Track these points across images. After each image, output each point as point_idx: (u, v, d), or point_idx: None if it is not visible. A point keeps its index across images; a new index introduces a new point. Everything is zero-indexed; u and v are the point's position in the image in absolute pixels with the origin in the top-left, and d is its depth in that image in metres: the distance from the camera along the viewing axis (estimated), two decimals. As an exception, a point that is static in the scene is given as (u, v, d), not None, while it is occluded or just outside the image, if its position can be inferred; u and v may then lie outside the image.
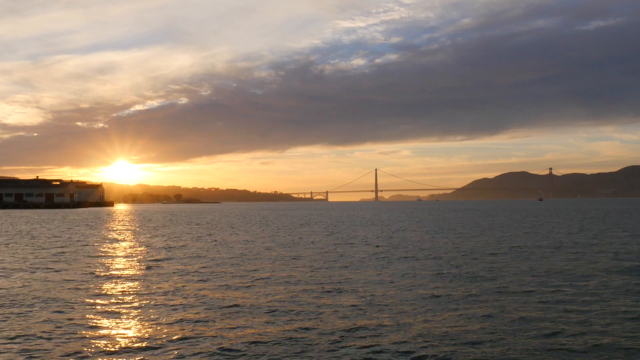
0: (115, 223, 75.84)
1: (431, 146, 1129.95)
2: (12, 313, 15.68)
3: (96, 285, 20.74)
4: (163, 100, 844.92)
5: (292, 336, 12.95)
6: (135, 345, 12.44)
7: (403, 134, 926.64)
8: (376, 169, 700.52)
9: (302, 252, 31.68)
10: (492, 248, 33.31)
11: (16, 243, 40.77)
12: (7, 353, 11.85)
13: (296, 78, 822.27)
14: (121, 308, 16.36)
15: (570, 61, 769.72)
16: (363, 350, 11.88)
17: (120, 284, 20.83)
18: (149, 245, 38.67)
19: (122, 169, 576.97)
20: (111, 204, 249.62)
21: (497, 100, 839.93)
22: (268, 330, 13.61)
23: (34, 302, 17.15)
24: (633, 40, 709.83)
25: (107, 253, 33.15)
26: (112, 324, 14.37)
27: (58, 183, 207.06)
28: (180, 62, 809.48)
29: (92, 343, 12.59)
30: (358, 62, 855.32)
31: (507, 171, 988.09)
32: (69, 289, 19.63)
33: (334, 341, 12.56)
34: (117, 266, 26.67)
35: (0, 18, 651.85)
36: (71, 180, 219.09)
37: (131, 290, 19.51)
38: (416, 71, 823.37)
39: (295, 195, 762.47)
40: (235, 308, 16.16)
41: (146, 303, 17.08)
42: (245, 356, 11.56)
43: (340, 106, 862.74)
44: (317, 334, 13.15)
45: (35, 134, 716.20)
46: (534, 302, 16.41)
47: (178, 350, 12.01)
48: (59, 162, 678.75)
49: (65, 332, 13.52)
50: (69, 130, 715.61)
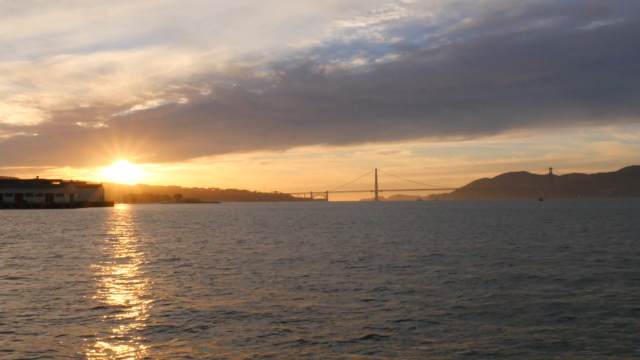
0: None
1: (431, 146, 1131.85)
2: (14, 313, 15.46)
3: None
4: (163, 100, 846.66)
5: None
6: (137, 344, 12.21)
7: (403, 134, 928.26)
8: (376, 169, 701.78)
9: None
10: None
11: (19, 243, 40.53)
12: (8, 353, 11.63)
13: (296, 78, 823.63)
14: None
15: (570, 61, 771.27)
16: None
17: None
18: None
19: (122, 169, 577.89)
20: (111, 204, 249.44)
21: (497, 100, 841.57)
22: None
23: (36, 303, 16.92)
24: (633, 40, 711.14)
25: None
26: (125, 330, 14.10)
27: (58, 183, 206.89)
28: (180, 62, 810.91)
29: (96, 344, 12.36)
30: (358, 62, 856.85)
31: (507, 171, 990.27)
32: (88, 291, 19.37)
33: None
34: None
35: (0, 18, 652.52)
36: (71, 180, 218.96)
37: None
38: (416, 71, 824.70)
39: (295, 195, 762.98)
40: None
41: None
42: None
43: (340, 106, 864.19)
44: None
45: (35, 134, 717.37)
46: None
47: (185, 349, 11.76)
48: (59, 162, 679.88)
49: (70, 335, 13.28)
50: (69, 130, 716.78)
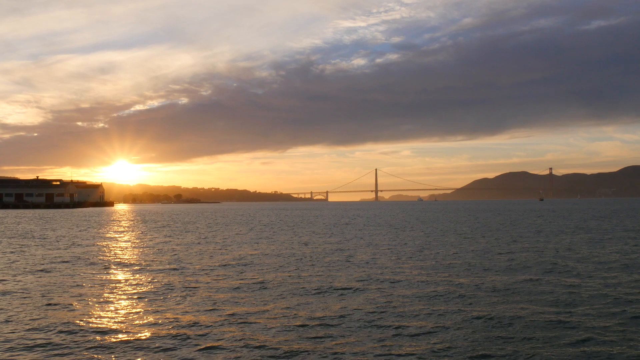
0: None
1: (432, 146, 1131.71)
2: (16, 314, 15.71)
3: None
4: (164, 100, 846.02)
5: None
6: (139, 345, 12.49)
7: (404, 134, 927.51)
8: (376, 169, 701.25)
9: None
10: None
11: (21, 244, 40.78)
12: (10, 353, 11.86)
13: (297, 78, 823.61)
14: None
15: (571, 61, 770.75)
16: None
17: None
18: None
19: (122, 169, 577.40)
20: (111, 204, 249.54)
21: (498, 100, 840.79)
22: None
23: (37, 302, 17.19)
24: (635, 40, 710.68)
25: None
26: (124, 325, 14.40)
27: (58, 183, 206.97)
28: (181, 62, 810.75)
29: (100, 344, 12.62)
30: (359, 62, 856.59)
31: (508, 171, 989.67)
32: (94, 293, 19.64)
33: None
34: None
35: (1, 17, 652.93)
36: (71, 180, 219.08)
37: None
38: (417, 71, 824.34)
39: (295, 195, 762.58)
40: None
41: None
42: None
43: (341, 106, 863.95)
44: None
45: (35, 134, 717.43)
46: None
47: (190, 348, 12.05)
48: (59, 162, 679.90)
49: (74, 335, 13.53)
50: (69, 130, 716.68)
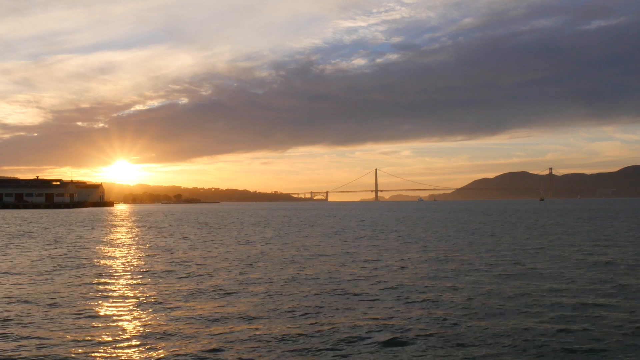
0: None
1: (432, 146, 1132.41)
2: (16, 314, 15.84)
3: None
4: (164, 100, 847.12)
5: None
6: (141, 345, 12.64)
7: (404, 134, 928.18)
8: (376, 169, 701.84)
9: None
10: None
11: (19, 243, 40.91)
12: (13, 353, 11.98)
13: (297, 78, 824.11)
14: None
15: (571, 61, 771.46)
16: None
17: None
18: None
19: (122, 169, 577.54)
20: (111, 204, 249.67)
21: (498, 100, 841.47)
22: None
23: (40, 303, 17.33)
24: (635, 40, 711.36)
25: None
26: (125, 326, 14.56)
27: (58, 183, 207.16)
28: (181, 62, 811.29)
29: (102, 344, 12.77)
30: (359, 62, 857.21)
31: (508, 171, 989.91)
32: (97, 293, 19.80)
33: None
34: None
35: (1, 17, 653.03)
36: (71, 180, 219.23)
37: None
38: (417, 71, 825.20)
39: (295, 195, 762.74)
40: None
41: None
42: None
43: (341, 106, 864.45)
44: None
45: (35, 134, 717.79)
46: None
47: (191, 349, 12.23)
48: (59, 162, 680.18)
49: (75, 334, 13.65)
50: (69, 130, 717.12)
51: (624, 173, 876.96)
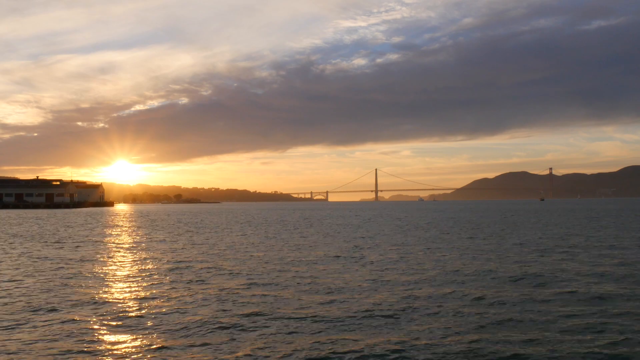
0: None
1: (432, 146, 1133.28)
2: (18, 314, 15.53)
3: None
4: (164, 100, 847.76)
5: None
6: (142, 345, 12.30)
7: (404, 134, 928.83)
8: (376, 169, 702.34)
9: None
10: None
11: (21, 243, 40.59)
12: (14, 354, 11.70)
13: (297, 78, 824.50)
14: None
15: (571, 61, 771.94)
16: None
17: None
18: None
19: (122, 169, 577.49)
20: (111, 204, 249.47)
21: (498, 100, 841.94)
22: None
23: (39, 305, 17.00)
24: (635, 40, 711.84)
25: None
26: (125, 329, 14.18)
27: (58, 183, 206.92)
28: (181, 62, 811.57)
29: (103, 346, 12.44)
30: (359, 62, 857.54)
31: (508, 171, 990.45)
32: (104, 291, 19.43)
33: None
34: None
35: (1, 17, 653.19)
36: (71, 180, 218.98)
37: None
38: (417, 71, 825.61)
39: (295, 195, 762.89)
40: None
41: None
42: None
43: (341, 106, 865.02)
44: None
45: (35, 134, 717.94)
46: None
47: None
48: (59, 162, 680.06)
49: (76, 335, 13.36)
50: (69, 130, 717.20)
51: (624, 173, 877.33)
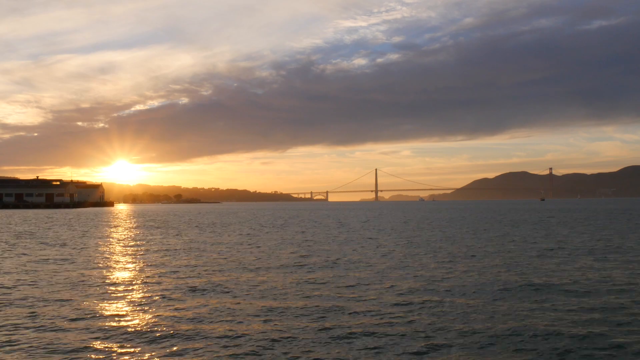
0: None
1: (432, 146, 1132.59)
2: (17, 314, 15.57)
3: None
4: (164, 100, 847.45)
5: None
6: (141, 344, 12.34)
7: (404, 134, 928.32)
8: (376, 169, 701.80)
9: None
10: None
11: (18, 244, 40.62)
12: (13, 353, 11.74)
13: (297, 78, 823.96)
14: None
15: (572, 61, 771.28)
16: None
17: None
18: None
19: (122, 169, 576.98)
20: (111, 204, 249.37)
21: (499, 100, 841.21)
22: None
23: (37, 302, 17.04)
24: (635, 39, 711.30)
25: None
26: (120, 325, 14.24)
27: (58, 183, 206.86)
28: (181, 62, 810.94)
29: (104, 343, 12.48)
30: (359, 62, 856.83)
31: (508, 171, 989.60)
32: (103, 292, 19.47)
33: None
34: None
35: (1, 17, 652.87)
36: (71, 180, 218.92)
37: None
38: (418, 71, 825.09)
39: (295, 195, 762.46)
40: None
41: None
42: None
43: (341, 106, 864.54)
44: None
45: (35, 134, 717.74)
46: None
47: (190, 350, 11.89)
48: (59, 162, 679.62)
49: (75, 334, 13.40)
50: (69, 130, 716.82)
51: (624, 173, 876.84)
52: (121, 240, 44.05)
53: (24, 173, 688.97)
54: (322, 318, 14.76)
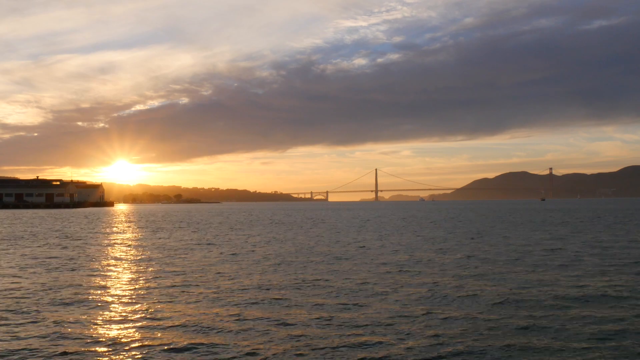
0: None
1: (432, 146, 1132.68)
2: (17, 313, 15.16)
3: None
4: (164, 100, 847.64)
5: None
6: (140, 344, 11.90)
7: (404, 134, 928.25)
8: (376, 169, 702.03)
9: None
10: None
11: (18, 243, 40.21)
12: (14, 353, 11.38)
13: (297, 78, 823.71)
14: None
15: (572, 61, 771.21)
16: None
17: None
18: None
19: (123, 169, 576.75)
20: (111, 204, 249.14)
21: (499, 100, 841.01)
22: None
23: (38, 303, 16.61)
24: (635, 39, 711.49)
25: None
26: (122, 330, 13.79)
27: (58, 183, 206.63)
28: (181, 62, 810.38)
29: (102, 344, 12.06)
30: (360, 62, 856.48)
31: (508, 171, 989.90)
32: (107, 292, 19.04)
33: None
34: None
35: (1, 17, 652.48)
36: (71, 180, 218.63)
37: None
38: (418, 71, 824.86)
39: (295, 195, 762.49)
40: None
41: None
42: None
43: (341, 106, 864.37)
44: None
45: (35, 134, 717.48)
46: None
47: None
48: (59, 162, 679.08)
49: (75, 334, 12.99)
50: (70, 130, 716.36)
51: (624, 173, 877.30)
52: (120, 240, 43.65)
53: (24, 173, 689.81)
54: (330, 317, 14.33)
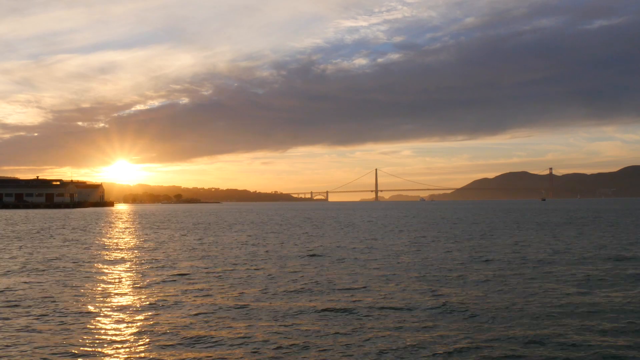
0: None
1: (432, 146, 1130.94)
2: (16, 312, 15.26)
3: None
4: (164, 100, 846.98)
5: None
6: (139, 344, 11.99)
7: (404, 134, 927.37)
8: (376, 169, 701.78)
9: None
10: None
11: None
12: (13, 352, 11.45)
13: (298, 78, 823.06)
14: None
15: (573, 61, 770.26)
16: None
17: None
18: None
19: (123, 169, 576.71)
20: (111, 204, 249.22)
21: (499, 99, 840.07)
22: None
23: (37, 303, 16.72)
24: (636, 39, 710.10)
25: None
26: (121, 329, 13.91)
27: (58, 183, 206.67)
28: (181, 62, 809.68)
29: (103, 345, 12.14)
30: (360, 62, 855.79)
31: (508, 171, 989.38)
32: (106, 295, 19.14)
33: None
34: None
35: (1, 17, 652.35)
36: (71, 180, 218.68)
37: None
38: (418, 71, 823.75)
39: (295, 195, 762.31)
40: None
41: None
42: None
43: (341, 106, 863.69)
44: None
45: (35, 134, 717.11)
46: None
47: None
48: (59, 162, 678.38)
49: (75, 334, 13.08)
50: (70, 130, 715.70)
51: (624, 173, 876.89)
52: (119, 240, 43.77)
53: (24, 173, 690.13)
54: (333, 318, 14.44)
